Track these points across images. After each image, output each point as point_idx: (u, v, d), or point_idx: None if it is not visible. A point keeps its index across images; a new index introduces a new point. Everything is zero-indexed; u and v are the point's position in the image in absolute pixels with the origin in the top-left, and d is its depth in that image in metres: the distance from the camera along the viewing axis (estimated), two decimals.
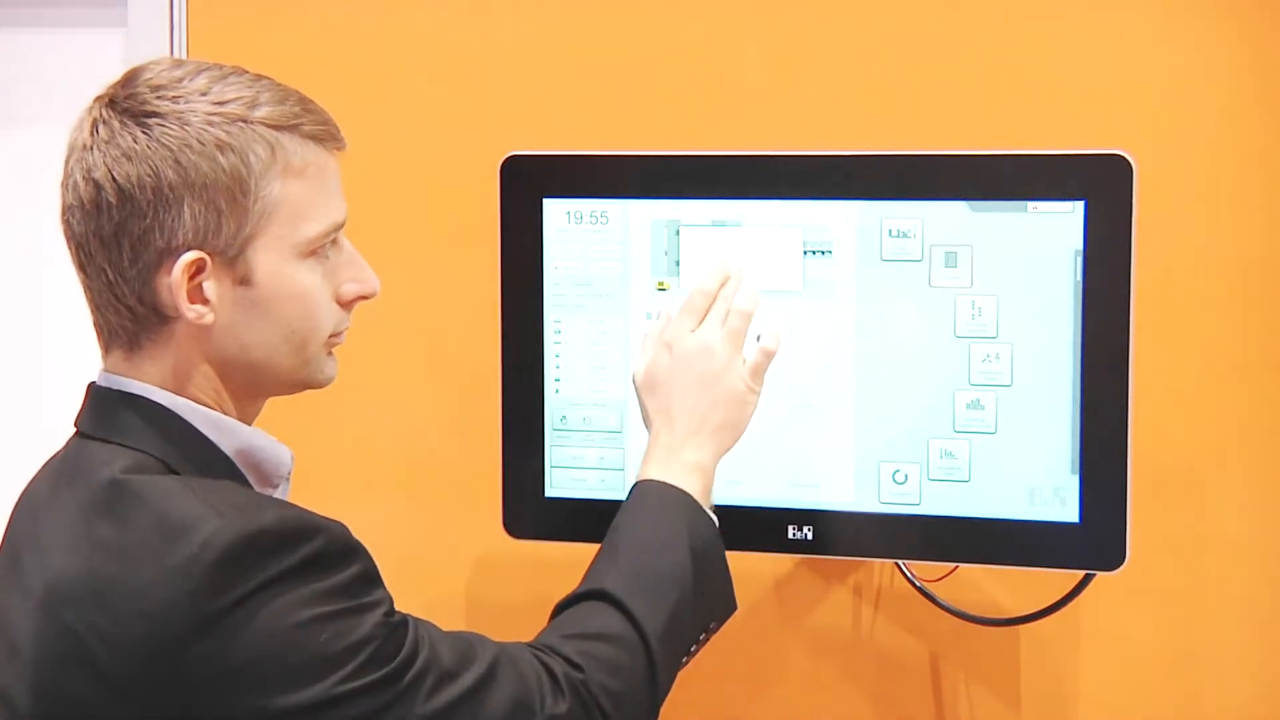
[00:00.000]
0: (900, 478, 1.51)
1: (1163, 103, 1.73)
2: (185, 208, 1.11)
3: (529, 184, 1.56)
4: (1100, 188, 1.44)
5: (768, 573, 1.82)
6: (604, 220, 1.55)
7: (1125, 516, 1.45)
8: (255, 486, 1.19)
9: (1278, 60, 1.71)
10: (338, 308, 1.21)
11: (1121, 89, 1.74)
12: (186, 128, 1.11)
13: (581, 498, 1.57)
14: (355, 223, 1.23)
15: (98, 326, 1.17)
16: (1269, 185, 1.72)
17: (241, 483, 1.17)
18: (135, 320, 1.14)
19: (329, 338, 1.21)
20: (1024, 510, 1.48)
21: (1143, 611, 1.76)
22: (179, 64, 1.15)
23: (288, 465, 1.23)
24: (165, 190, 1.10)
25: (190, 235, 1.11)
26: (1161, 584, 1.75)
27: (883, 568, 1.79)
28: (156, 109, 1.12)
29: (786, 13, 1.80)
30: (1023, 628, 1.73)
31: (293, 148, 1.15)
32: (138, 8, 1.96)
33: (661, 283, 1.54)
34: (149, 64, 1.16)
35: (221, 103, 1.12)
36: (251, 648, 1.04)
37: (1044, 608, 1.63)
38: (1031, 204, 1.46)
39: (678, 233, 1.53)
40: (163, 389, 1.16)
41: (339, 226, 1.20)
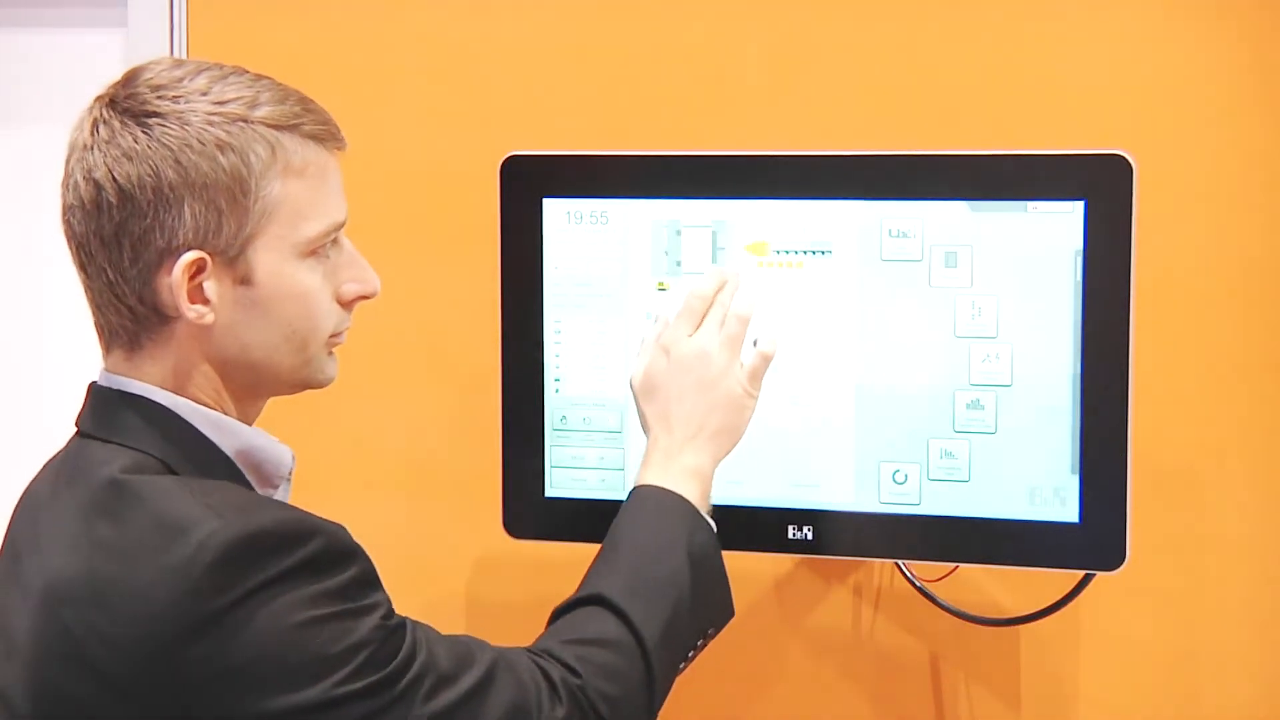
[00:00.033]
0: (900, 478, 1.51)
1: (1163, 103, 1.73)
2: (186, 207, 1.11)
3: (529, 184, 1.56)
4: (1100, 188, 1.44)
5: (768, 573, 1.82)
6: (604, 220, 1.55)
7: (1125, 516, 1.45)
8: (256, 487, 1.19)
9: (1278, 60, 1.71)
10: (338, 307, 1.21)
11: (1121, 89, 1.74)
12: (187, 127, 1.11)
13: (581, 498, 1.57)
14: (355, 223, 1.23)
15: (98, 326, 1.17)
16: (1269, 185, 1.72)
17: (241, 483, 1.17)
18: (136, 320, 1.14)
19: (329, 338, 1.21)
20: (1024, 510, 1.48)
21: (1143, 611, 1.76)
22: (179, 64, 1.16)
23: (288, 465, 1.23)
24: (166, 190, 1.10)
25: (191, 235, 1.11)
26: (1161, 584, 1.75)
27: (883, 568, 1.79)
28: (157, 109, 1.12)
29: (786, 13, 1.80)
30: (1023, 628, 1.73)
31: (293, 147, 1.15)
32: (138, 8, 1.96)
33: (661, 283, 1.54)
34: (149, 64, 1.16)
35: (222, 102, 1.12)
36: (249, 649, 1.04)
37: (1044, 608, 1.63)
38: (1031, 204, 1.46)
39: (679, 233, 1.53)
40: (163, 389, 1.16)
41: (339, 226, 1.20)
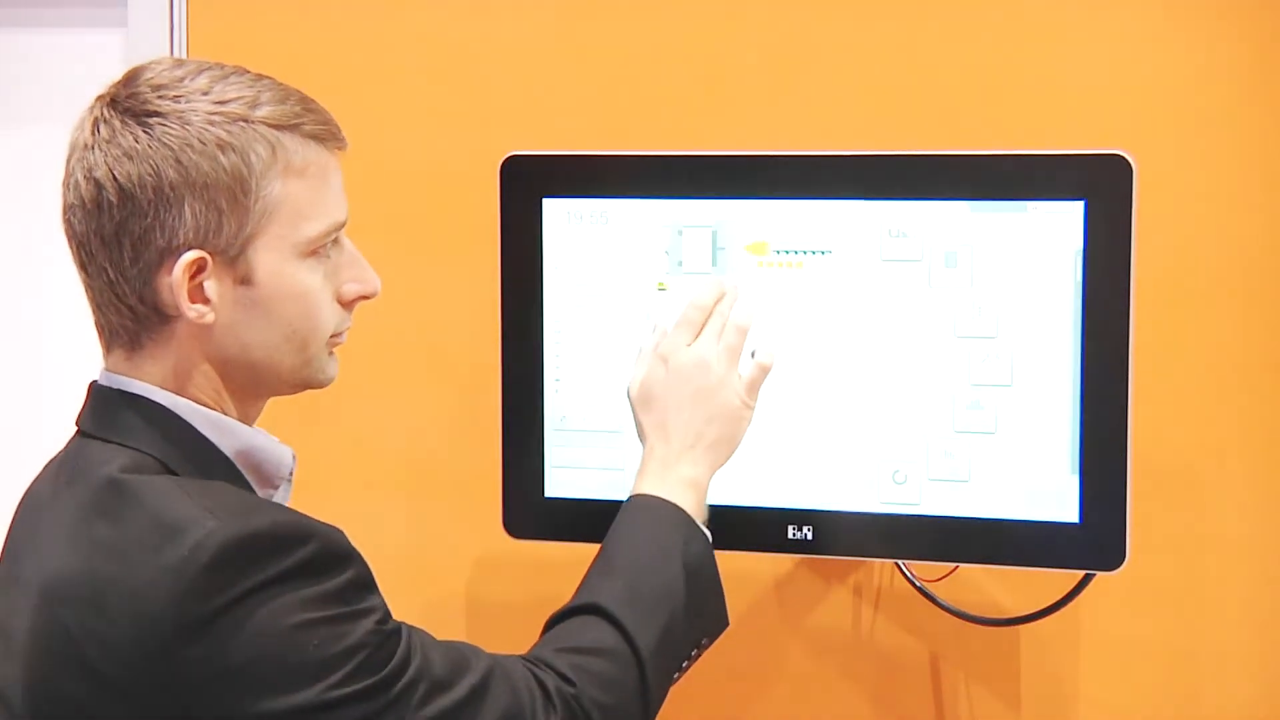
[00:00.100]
0: (900, 478, 1.51)
1: (1163, 103, 1.73)
2: (186, 207, 1.11)
3: (529, 184, 1.56)
4: (1100, 188, 1.44)
5: (768, 573, 1.82)
6: (604, 220, 1.55)
7: (1125, 516, 1.45)
8: (256, 487, 1.19)
9: (1278, 60, 1.71)
10: (339, 307, 1.21)
11: (1121, 89, 1.74)
12: (188, 127, 1.11)
13: (581, 498, 1.57)
14: (355, 223, 1.22)
15: (99, 326, 1.17)
16: (1269, 185, 1.72)
17: (241, 484, 1.17)
18: (136, 320, 1.14)
19: (330, 337, 1.21)
20: (1024, 510, 1.48)
21: (1143, 611, 1.76)
22: (180, 63, 1.15)
23: (289, 466, 1.22)
24: (166, 189, 1.10)
25: (191, 235, 1.11)
26: (1161, 584, 1.75)
27: (883, 568, 1.79)
28: (158, 108, 1.12)
29: (786, 13, 1.80)
30: (1023, 628, 1.73)
31: (294, 147, 1.15)
32: (138, 8, 1.96)
33: (661, 283, 1.54)
34: (150, 63, 1.16)
35: (223, 102, 1.12)
36: (244, 650, 1.03)
37: (1044, 608, 1.63)
38: (1031, 204, 1.46)
39: (681, 233, 1.53)
40: (163, 389, 1.16)
41: (340, 226, 1.20)
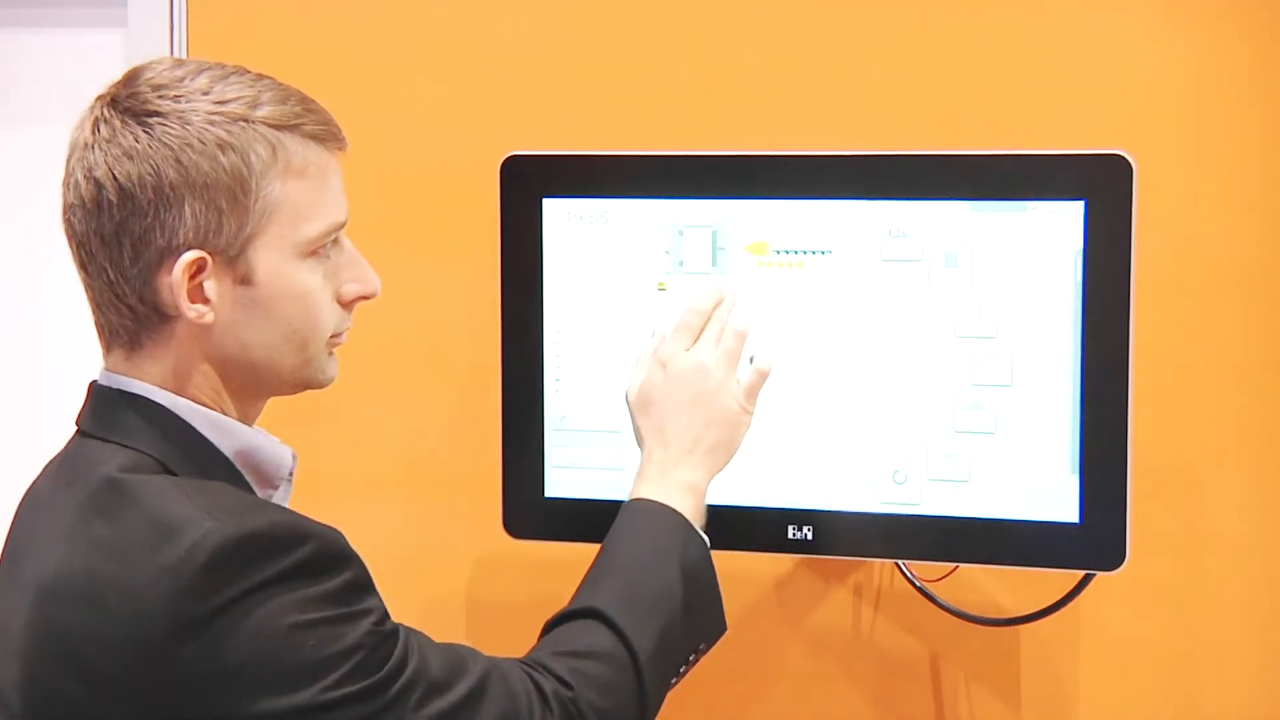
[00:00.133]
0: (900, 478, 1.51)
1: (1163, 103, 1.73)
2: (186, 207, 1.11)
3: (529, 184, 1.56)
4: (1100, 188, 1.44)
5: (768, 573, 1.82)
6: (604, 220, 1.55)
7: (1125, 516, 1.45)
8: (255, 488, 1.19)
9: (1278, 60, 1.71)
10: (339, 308, 1.21)
11: (1121, 89, 1.74)
12: (188, 127, 1.11)
13: (581, 498, 1.57)
14: (355, 223, 1.22)
15: (99, 326, 1.17)
16: (1269, 185, 1.72)
17: (240, 484, 1.17)
18: (136, 319, 1.14)
19: (330, 338, 1.21)
20: (1024, 510, 1.48)
21: (1143, 611, 1.76)
22: (180, 63, 1.15)
23: (289, 466, 1.22)
24: (166, 189, 1.10)
25: (191, 234, 1.11)
26: (1161, 584, 1.75)
27: (883, 568, 1.79)
28: (158, 108, 1.12)
29: (786, 13, 1.80)
30: (1023, 628, 1.73)
31: (294, 148, 1.15)
32: (138, 8, 1.96)
33: (661, 283, 1.54)
34: (150, 63, 1.16)
35: (223, 102, 1.12)
36: (240, 651, 1.03)
37: (1044, 608, 1.63)
38: (1031, 204, 1.46)
39: (681, 233, 1.53)
40: (163, 389, 1.16)
41: (340, 226, 1.20)
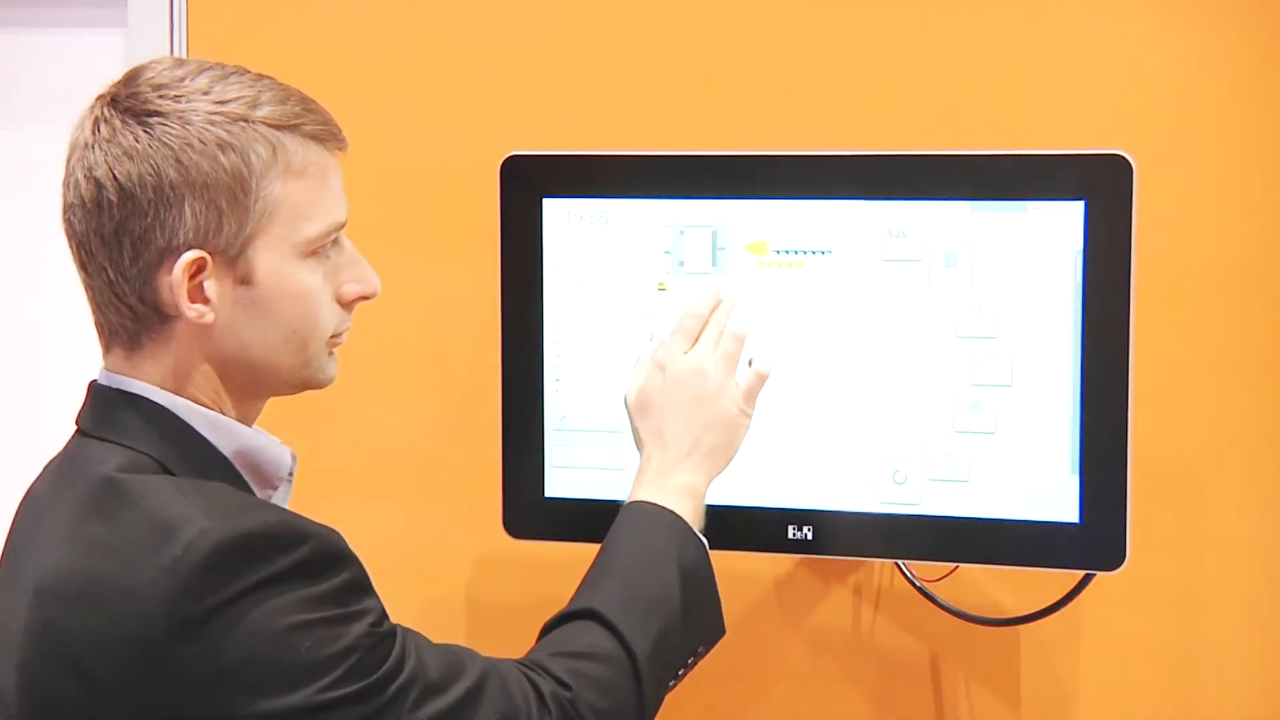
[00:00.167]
0: (900, 478, 1.51)
1: (1163, 103, 1.73)
2: (186, 207, 1.11)
3: (529, 184, 1.56)
4: (1100, 188, 1.44)
5: (768, 573, 1.82)
6: (604, 220, 1.55)
7: (1125, 516, 1.45)
8: (254, 488, 1.19)
9: (1278, 60, 1.71)
10: (338, 308, 1.21)
11: (1121, 89, 1.74)
12: (188, 127, 1.11)
13: (581, 498, 1.57)
14: (355, 223, 1.22)
15: (98, 325, 1.17)
16: (1269, 185, 1.72)
17: (239, 484, 1.17)
18: (136, 319, 1.14)
19: (330, 338, 1.21)
20: (1024, 510, 1.48)
21: (1143, 611, 1.76)
22: (181, 63, 1.15)
23: (288, 466, 1.22)
24: (166, 189, 1.10)
25: (191, 234, 1.11)
26: (1161, 584, 1.75)
27: (883, 568, 1.79)
28: (158, 108, 1.12)
29: (786, 13, 1.80)
30: (1023, 628, 1.73)
31: (294, 148, 1.15)
32: (138, 8, 1.96)
33: (661, 283, 1.54)
34: (151, 63, 1.16)
35: (223, 102, 1.12)
36: (236, 651, 1.03)
37: (1044, 608, 1.63)
38: (1031, 204, 1.46)
39: (682, 233, 1.53)
40: (162, 388, 1.16)
41: (340, 226, 1.20)
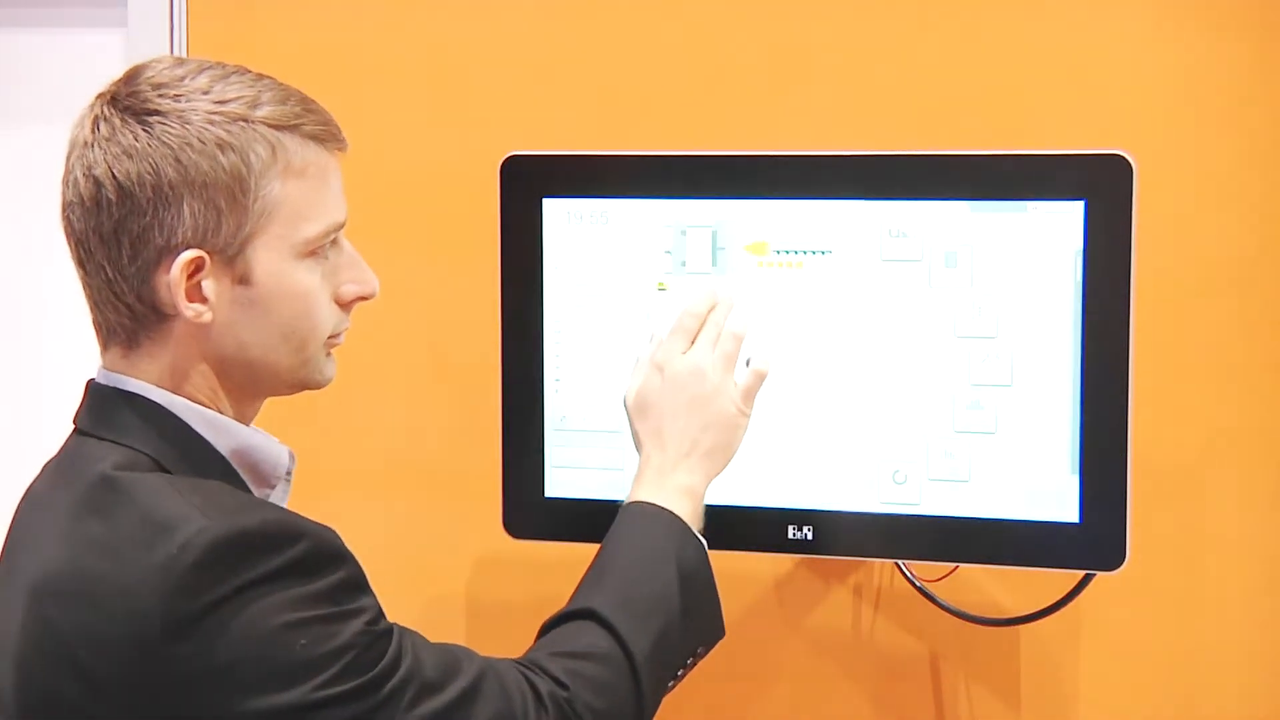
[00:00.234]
0: (900, 478, 1.51)
1: (1163, 103, 1.73)
2: (185, 206, 1.11)
3: (529, 184, 1.56)
4: (1100, 188, 1.44)
5: (768, 573, 1.82)
6: (604, 220, 1.55)
7: (1125, 516, 1.45)
8: (252, 487, 1.19)
9: (1278, 60, 1.71)
10: (337, 308, 1.21)
11: (1121, 89, 1.74)
12: (187, 126, 1.11)
13: (581, 498, 1.57)
14: (355, 223, 1.22)
15: (96, 324, 1.17)
16: (1268, 185, 1.72)
17: (236, 483, 1.17)
18: (134, 318, 1.14)
19: (328, 338, 1.21)
20: (1024, 510, 1.48)
21: (1143, 611, 1.76)
22: (181, 62, 1.15)
23: (286, 465, 1.22)
24: (165, 188, 1.10)
25: (189, 234, 1.11)
26: (1161, 584, 1.75)
27: (883, 568, 1.79)
28: (158, 107, 1.12)
29: (786, 13, 1.80)
30: (1023, 628, 1.73)
31: (294, 148, 1.15)
32: (138, 8, 1.96)
33: (661, 283, 1.54)
34: (151, 62, 1.16)
35: (223, 101, 1.12)
36: (231, 649, 1.03)
37: (1044, 608, 1.63)
38: (1031, 204, 1.46)
39: (684, 233, 1.53)
40: (160, 387, 1.16)
41: (339, 227, 1.20)
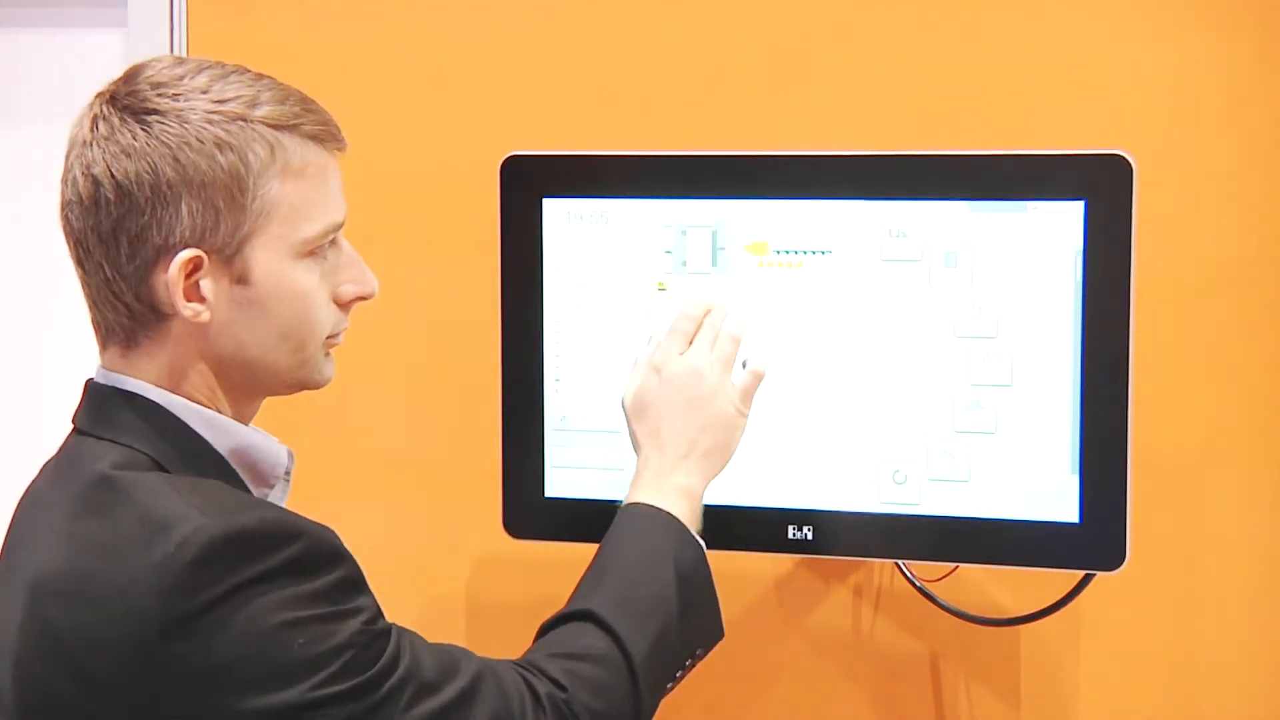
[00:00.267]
0: (900, 478, 1.51)
1: (1163, 103, 1.73)
2: (183, 205, 1.11)
3: (529, 184, 1.56)
4: (1100, 188, 1.44)
5: (768, 573, 1.82)
6: (604, 220, 1.55)
7: (1125, 516, 1.45)
8: (251, 486, 1.19)
9: (1278, 60, 1.71)
10: (335, 308, 1.21)
11: (1121, 89, 1.74)
12: (186, 125, 1.11)
13: (581, 498, 1.57)
14: (355, 223, 1.22)
15: (95, 323, 1.17)
16: (1268, 185, 1.72)
17: (235, 482, 1.17)
18: (132, 317, 1.14)
19: (327, 338, 1.21)
20: (1024, 510, 1.48)
21: (1143, 611, 1.76)
22: (180, 62, 1.15)
23: (285, 464, 1.22)
24: (163, 187, 1.10)
25: (188, 233, 1.11)
26: (1161, 584, 1.75)
27: (883, 568, 1.79)
28: (157, 106, 1.11)
29: (786, 13, 1.80)
30: (1023, 628, 1.73)
31: (293, 148, 1.15)
32: (138, 8, 1.96)
33: (661, 283, 1.54)
34: (150, 61, 1.16)
35: (222, 101, 1.12)
36: (229, 648, 1.03)
37: (1044, 608, 1.63)
38: (1031, 204, 1.46)
39: (684, 233, 1.53)
40: (158, 386, 1.15)
41: (338, 227, 1.20)
